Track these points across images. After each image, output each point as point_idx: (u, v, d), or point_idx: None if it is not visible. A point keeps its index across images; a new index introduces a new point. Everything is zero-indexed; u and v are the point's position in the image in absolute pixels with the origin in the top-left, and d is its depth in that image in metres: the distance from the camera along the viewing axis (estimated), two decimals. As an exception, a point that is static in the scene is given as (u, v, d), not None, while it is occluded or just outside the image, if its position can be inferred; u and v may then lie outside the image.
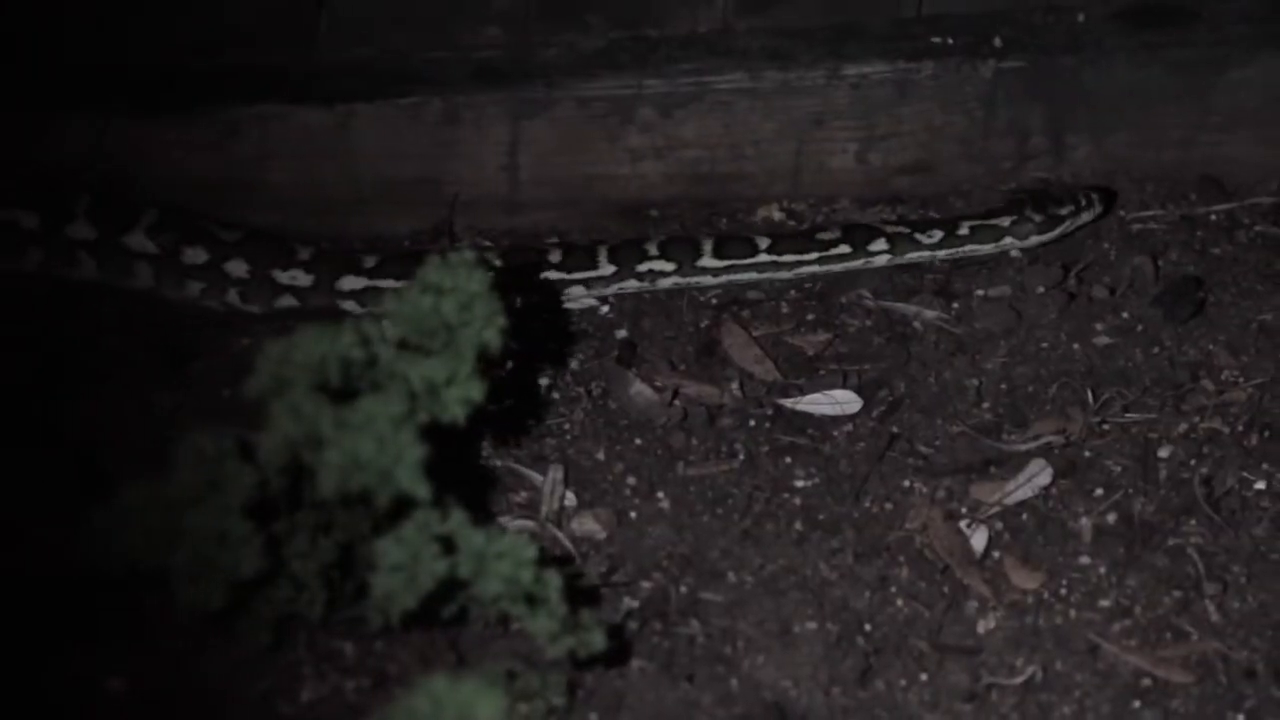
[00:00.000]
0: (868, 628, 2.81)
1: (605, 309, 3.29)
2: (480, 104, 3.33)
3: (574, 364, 3.17)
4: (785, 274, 3.33)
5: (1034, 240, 3.40)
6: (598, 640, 2.53)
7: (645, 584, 2.84)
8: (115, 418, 2.90)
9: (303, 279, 3.21)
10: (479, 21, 3.36)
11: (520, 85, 3.34)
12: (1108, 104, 3.50)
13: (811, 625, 2.80)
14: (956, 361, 3.22)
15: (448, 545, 2.46)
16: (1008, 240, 3.39)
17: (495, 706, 1.96)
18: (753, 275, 3.32)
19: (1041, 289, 3.34)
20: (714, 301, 3.31)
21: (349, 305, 3.22)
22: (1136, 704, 2.73)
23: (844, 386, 3.16)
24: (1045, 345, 3.26)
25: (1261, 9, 3.56)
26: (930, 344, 3.25)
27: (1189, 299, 3.34)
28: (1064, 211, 3.39)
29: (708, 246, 3.30)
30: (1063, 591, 2.88)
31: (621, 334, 3.24)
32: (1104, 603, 2.87)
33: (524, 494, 2.95)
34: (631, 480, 2.99)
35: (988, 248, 3.39)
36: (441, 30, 3.35)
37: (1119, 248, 3.42)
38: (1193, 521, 2.98)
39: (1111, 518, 2.98)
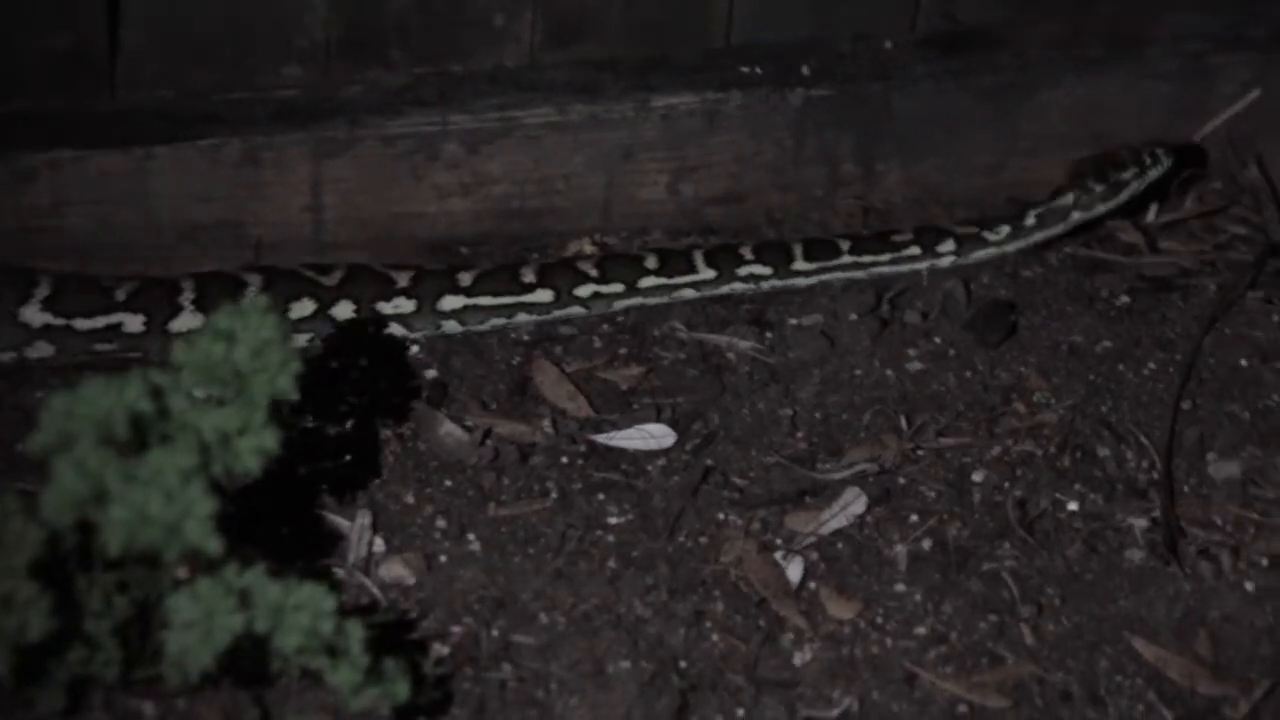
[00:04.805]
0: (683, 664, 2.78)
1: (415, 349, 3.24)
2: (282, 144, 3.26)
3: (383, 405, 3.12)
4: (861, 274, 3.37)
5: (1101, 209, 3.45)
6: (402, 691, 2.48)
7: (456, 629, 2.79)
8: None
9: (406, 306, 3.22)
10: (279, 61, 3.30)
11: (322, 124, 3.29)
12: (916, 130, 3.51)
13: (625, 664, 2.76)
14: (770, 391, 3.21)
15: (246, 599, 2.40)
16: (1075, 216, 3.43)
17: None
18: (838, 275, 3.36)
19: (854, 316, 3.34)
20: (525, 338, 3.27)
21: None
22: (953, 731, 2.73)
23: (658, 420, 3.14)
24: (859, 372, 3.25)
25: (1064, 34, 3.59)
26: (744, 375, 3.23)
27: (1001, 323, 3.35)
28: (1126, 175, 3.44)
29: (798, 250, 3.33)
30: (879, 620, 2.87)
31: (431, 373, 3.19)
32: (920, 630, 2.86)
33: (331, 542, 2.89)
34: (441, 523, 2.95)
35: (1058, 229, 3.44)
36: (241, 70, 3.29)
37: (931, 273, 3.43)
38: (1007, 545, 2.99)
39: (927, 544, 2.98)
